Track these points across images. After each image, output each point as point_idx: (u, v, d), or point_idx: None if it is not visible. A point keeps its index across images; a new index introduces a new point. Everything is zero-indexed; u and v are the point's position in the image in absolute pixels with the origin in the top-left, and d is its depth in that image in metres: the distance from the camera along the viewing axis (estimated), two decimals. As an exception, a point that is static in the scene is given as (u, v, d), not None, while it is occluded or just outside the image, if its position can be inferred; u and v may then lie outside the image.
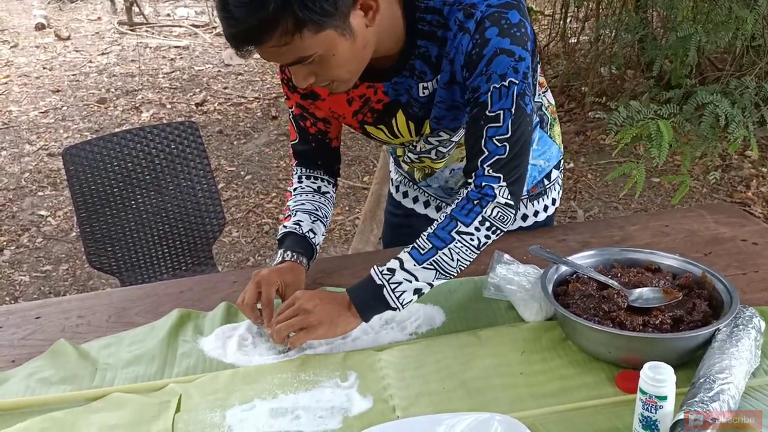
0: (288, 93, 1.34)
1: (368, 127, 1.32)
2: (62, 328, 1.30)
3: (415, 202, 1.59)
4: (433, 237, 1.15)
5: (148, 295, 1.40)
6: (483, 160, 1.14)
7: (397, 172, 1.62)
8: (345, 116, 1.32)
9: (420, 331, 1.23)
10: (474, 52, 1.11)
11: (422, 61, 1.17)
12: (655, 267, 1.24)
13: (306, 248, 1.32)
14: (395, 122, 1.29)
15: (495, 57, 1.10)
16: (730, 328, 1.06)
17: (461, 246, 1.14)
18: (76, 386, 1.13)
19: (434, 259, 1.13)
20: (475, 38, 1.10)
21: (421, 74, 1.19)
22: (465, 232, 1.14)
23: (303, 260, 1.31)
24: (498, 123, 1.13)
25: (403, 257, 1.15)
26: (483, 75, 1.12)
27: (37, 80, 6.25)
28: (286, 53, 1.03)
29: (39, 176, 4.26)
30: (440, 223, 1.16)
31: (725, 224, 1.55)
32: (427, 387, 1.09)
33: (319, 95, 1.30)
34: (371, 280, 1.15)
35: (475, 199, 1.15)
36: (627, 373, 1.07)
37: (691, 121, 2.97)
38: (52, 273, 3.28)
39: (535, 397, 1.05)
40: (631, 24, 4.14)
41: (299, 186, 1.40)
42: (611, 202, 3.68)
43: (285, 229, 1.34)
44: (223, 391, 1.10)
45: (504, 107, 1.12)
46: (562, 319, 1.14)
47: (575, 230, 1.57)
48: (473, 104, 1.15)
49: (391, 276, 1.14)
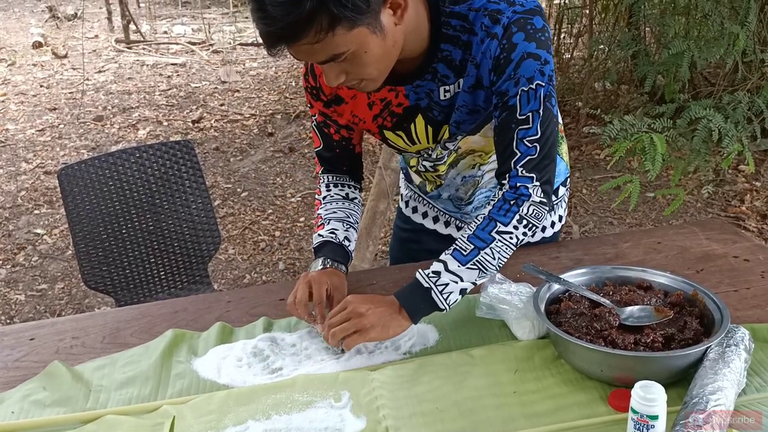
0: (311, 101, 1.37)
1: (387, 132, 1.34)
2: (56, 350, 1.30)
3: (424, 218, 1.61)
4: (474, 238, 1.20)
5: (143, 315, 1.40)
6: (516, 161, 1.20)
7: (407, 187, 1.64)
8: (365, 120, 1.34)
9: (413, 351, 1.23)
10: (502, 57, 1.15)
11: (445, 64, 1.20)
12: (647, 285, 1.25)
13: (343, 256, 1.37)
14: (414, 127, 1.31)
15: (522, 61, 1.15)
16: (721, 347, 1.07)
17: (501, 245, 1.20)
18: (69, 408, 1.13)
19: (477, 259, 1.19)
20: (503, 43, 1.15)
21: (443, 78, 1.22)
22: (504, 232, 1.19)
23: (342, 268, 1.35)
24: (528, 125, 1.18)
25: (446, 260, 1.20)
26: (511, 79, 1.16)
27: (34, 98, 6.27)
28: (319, 51, 1.04)
29: (35, 194, 4.27)
30: (479, 224, 1.21)
31: (717, 241, 1.55)
32: (420, 407, 1.09)
33: (342, 99, 1.32)
34: (418, 283, 1.20)
35: (511, 200, 1.21)
36: (620, 392, 1.07)
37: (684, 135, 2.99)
38: (47, 292, 3.28)
39: (528, 417, 1.06)
40: (624, 40, 4.18)
41: (328, 194, 1.44)
42: (606, 217, 3.69)
43: (321, 238, 1.38)
44: (217, 412, 1.10)
45: (533, 109, 1.18)
46: (555, 337, 1.14)
47: (568, 247, 1.58)
48: (501, 108, 1.20)
49: (438, 278, 1.19)
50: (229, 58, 7.49)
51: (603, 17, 4.86)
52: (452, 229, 1.58)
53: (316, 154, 1.46)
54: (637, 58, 4.23)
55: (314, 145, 1.45)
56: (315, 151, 1.46)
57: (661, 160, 2.58)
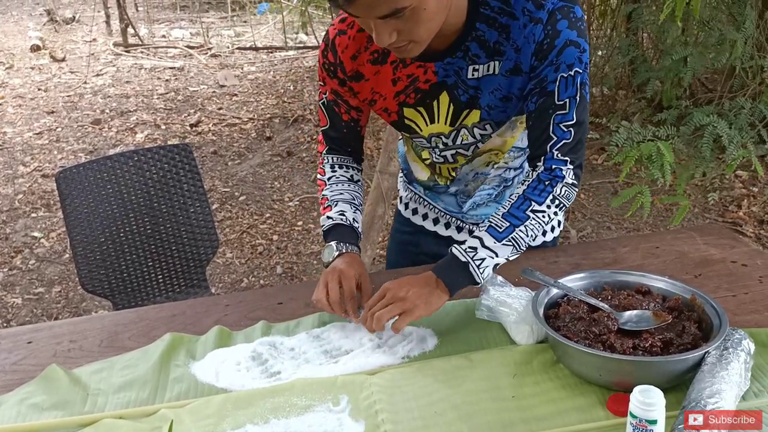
0: (326, 78, 1.36)
1: (407, 109, 1.33)
2: (54, 353, 1.29)
3: (424, 219, 1.61)
4: (509, 216, 1.23)
5: (141, 319, 1.40)
6: (552, 145, 1.24)
7: (407, 189, 1.65)
8: (387, 96, 1.33)
9: (412, 355, 1.23)
10: (546, 42, 1.18)
11: (478, 44, 1.21)
12: (645, 289, 1.25)
13: (354, 237, 1.38)
14: (437, 104, 1.31)
15: (565, 48, 1.18)
16: (719, 351, 1.07)
17: (535, 223, 1.23)
18: (67, 412, 1.12)
19: (512, 236, 1.22)
20: (547, 29, 1.17)
21: (474, 57, 1.23)
22: (538, 210, 1.23)
23: (356, 249, 1.36)
24: (565, 110, 1.22)
25: (481, 236, 1.22)
26: (552, 65, 1.19)
27: (32, 101, 6.26)
28: (384, 3, 1.02)
29: (33, 198, 4.26)
30: (513, 203, 1.24)
31: (715, 246, 1.56)
32: (419, 411, 1.09)
33: (363, 75, 1.31)
34: (456, 258, 1.22)
35: (546, 180, 1.24)
36: (618, 396, 1.07)
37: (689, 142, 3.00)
38: (44, 295, 3.27)
39: (527, 421, 1.06)
40: (622, 46, 4.19)
41: (333, 175, 1.44)
42: (604, 222, 3.70)
43: (331, 221, 1.38)
44: (215, 416, 1.09)
45: (570, 95, 1.21)
46: (554, 342, 1.14)
47: (567, 252, 1.58)
48: (539, 93, 1.22)
49: (474, 253, 1.21)
50: (228, 62, 7.50)
51: (601, 23, 4.88)
52: (452, 231, 1.58)
53: (323, 132, 1.46)
54: (635, 63, 4.24)
55: (321, 123, 1.46)
56: (321, 130, 1.46)
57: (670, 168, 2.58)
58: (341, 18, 1.30)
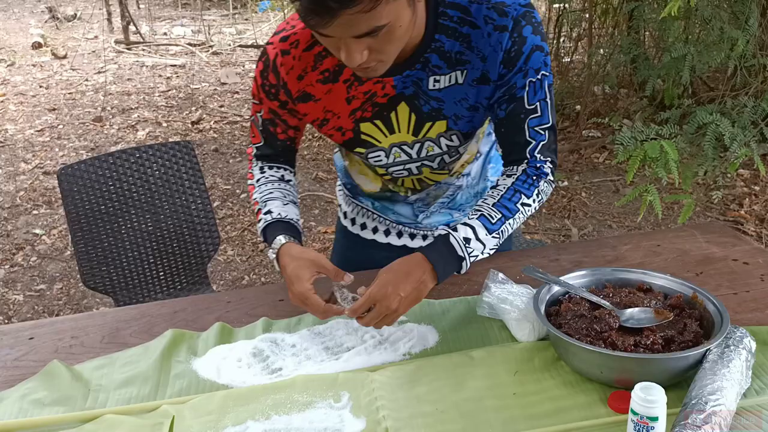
0: (263, 99, 1.31)
1: (363, 124, 1.29)
2: (55, 349, 1.30)
3: (375, 233, 1.57)
4: (501, 207, 1.22)
5: (142, 315, 1.40)
6: (532, 149, 1.25)
7: (351, 203, 1.60)
8: (340, 115, 1.29)
9: (413, 352, 1.23)
10: (513, 50, 1.17)
11: (438, 55, 1.19)
12: (647, 287, 1.25)
13: (295, 233, 1.30)
14: (395, 115, 1.27)
15: (532, 53, 1.18)
16: (721, 349, 1.07)
17: (521, 216, 1.24)
18: (69, 408, 1.12)
19: (502, 228, 1.22)
20: (514, 36, 1.16)
21: (434, 68, 1.21)
22: (526, 204, 1.24)
23: (286, 239, 1.27)
24: (537, 113, 1.23)
25: (474, 225, 1.20)
26: (521, 71, 1.19)
27: (34, 99, 6.27)
28: (363, 21, 0.98)
29: (34, 195, 4.26)
30: (503, 194, 1.23)
31: (717, 244, 1.56)
32: (420, 408, 1.09)
33: (311, 96, 1.27)
34: (452, 250, 1.18)
35: (533, 175, 1.26)
36: (619, 394, 1.07)
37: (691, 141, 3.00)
38: (46, 292, 3.27)
39: (528, 418, 1.06)
40: (623, 44, 4.19)
41: (262, 176, 1.39)
42: (605, 220, 3.70)
43: (265, 223, 1.31)
44: (217, 412, 1.09)
45: (540, 98, 1.22)
46: (555, 339, 1.14)
47: (568, 250, 1.58)
48: (509, 100, 1.22)
49: (470, 247, 1.19)
50: (229, 60, 7.50)
51: (603, 21, 4.88)
52: (406, 239, 1.55)
53: (255, 148, 1.40)
54: (636, 62, 4.24)
55: (253, 140, 1.40)
56: (253, 146, 1.40)
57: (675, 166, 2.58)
58: (282, 36, 1.23)
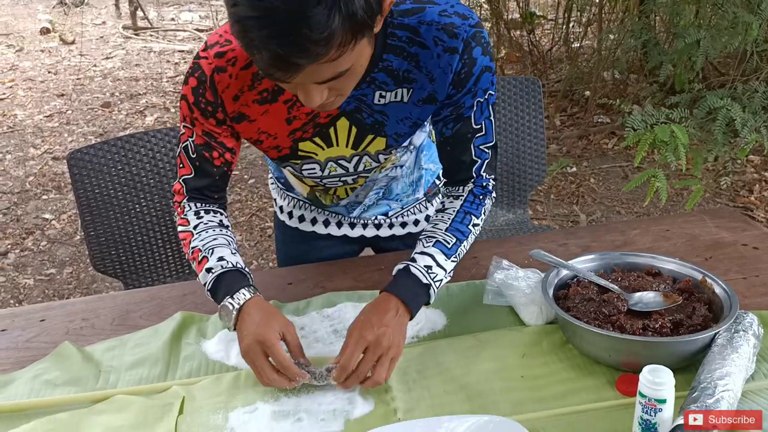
0: (200, 119, 1.19)
1: (303, 143, 1.24)
2: (66, 331, 1.31)
3: (314, 224, 1.55)
4: (455, 231, 1.22)
5: (152, 298, 1.41)
6: (477, 168, 1.26)
7: (286, 196, 1.55)
8: (278, 136, 1.23)
9: (421, 335, 1.24)
10: (464, 72, 1.15)
11: (385, 73, 1.16)
12: (656, 271, 1.25)
13: (245, 280, 1.17)
14: (334, 130, 1.23)
15: (481, 75, 1.17)
16: (730, 333, 1.07)
17: (473, 237, 1.25)
18: (80, 388, 1.14)
19: (458, 252, 1.21)
20: (464, 58, 1.14)
21: (381, 84, 1.17)
22: (476, 224, 1.25)
23: (252, 292, 1.15)
24: (482, 132, 1.23)
25: (432, 252, 1.18)
26: (470, 92, 1.18)
27: (42, 84, 6.28)
28: (328, 70, 0.94)
29: (43, 180, 4.28)
30: (454, 217, 1.23)
31: (726, 229, 1.55)
32: (429, 390, 1.10)
33: (246, 116, 1.19)
34: (416, 279, 1.15)
35: (480, 195, 1.27)
36: (627, 377, 1.07)
37: (702, 125, 2.98)
38: (56, 276, 3.30)
39: (536, 401, 1.06)
40: (634, 29, 4.15)
41: (200, 222, 1.25)
42: (614, 206, 3.68)
43: (212, 274, 1.16)
44: (226, 393, 1.10)
45: (485, 117, 1.22)
46: (563, 322, 1.15)
47: (576, 234, 1.58)
48: (456, 120, 1.21)
49: (434, 274, 1.17)
50: (237, 46, 7.48)
51: (613, 6, 4.83)
52: (346, 229, 1.54)
53: (183, 182, 1.27)
54: (647, 47, 4.20)
55: (181, 172, 1.26)
56: (181, 179, 1.27)
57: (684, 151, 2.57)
58: (218, 52, 1.13)
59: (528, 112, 2.19)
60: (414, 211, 1.54)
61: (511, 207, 2.27)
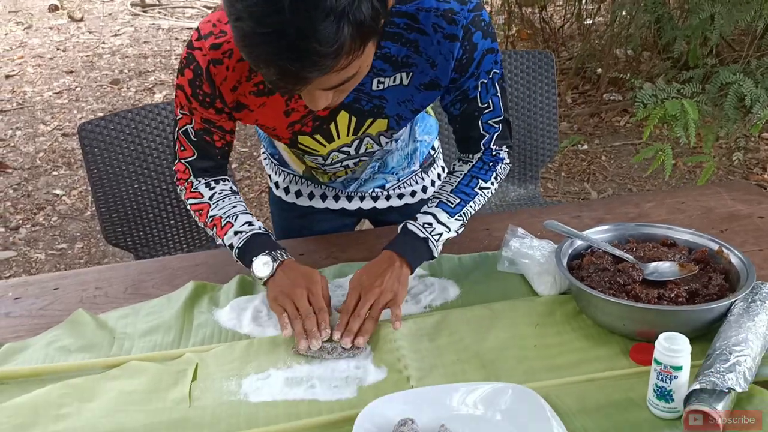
0: (198, 108, 1.19)
1: (302, 137, 1.25)
2: (80, 299, 1.31)
3: (311, 198, 1.54)
4: (459, 193, 1.28)
5: (164, 267, 1.41)
6: (486, 141, 1.30)
7: (281, 172, 1.55)
8: (276, 128, 1.23)
9: (434, 304, 1.24)
10: (465, 58, 1.17)
11: (383, 60, 1.15)
12: (671, 242, 1.24)
13: (278, 244, 1.23)
14: (335, 125, 1.23)
15: (483, 58, 1.18)
16: (746, 303, 1.06)
17: (481, 198, 1.30)
18: (94, 354, 1.14)
19: (463, 211, 1.27)
20: (465, 45, 1.15)
21: (379, 71, 1.16)
22: (484, 187, 1.30)
23: (288, 255, 1.21)
24: (490, 108, 1.26)
25: (434, 212, 1.25)
26: (473, 76, 1.20)
27: (51, 61, 6.27)
28: (335, 77, 0.93)
29: (53, 156, 4.29)
30: (461, 180, 1.29)
31: (742, 201, 1.53)
32: (441, 358, 1.09)
33: (245, 106, 1.19)
34: (414, 234, 1.22)
35: (490, 162, 1.31)
36: (641, 346, 1.07)
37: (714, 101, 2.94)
38: (67, 251, 3.31)
39: (549, 369, 1.06)
40: (647, 4, 4.09)
41: (214, 192, 1.28)
42: (625, 183, 3.66)
43: (244, 234, 1.21)
44: (239, 360, 1.11)
45: (492, 95, 1.25)
46: (577, 292, 1.14)
47: (590, 207, 1.57)
48: (462, 101, 1.24)
49: (432, 229, 1.23)
50: (245, 23, 7.43)
51: (626, -19, 4.75)
52: (344, 202, 1.54)
53: (187, 164, 1.28)
54: (661, 22, 4.14)
55: (182, 155, 1.27)
56: (185, 161, 1.28)
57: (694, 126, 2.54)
58: (213, 44, 1.11)
59: (540, 86, 2.17)
60: (410, 182, 1.55)
61: (522, 182, 2.26)
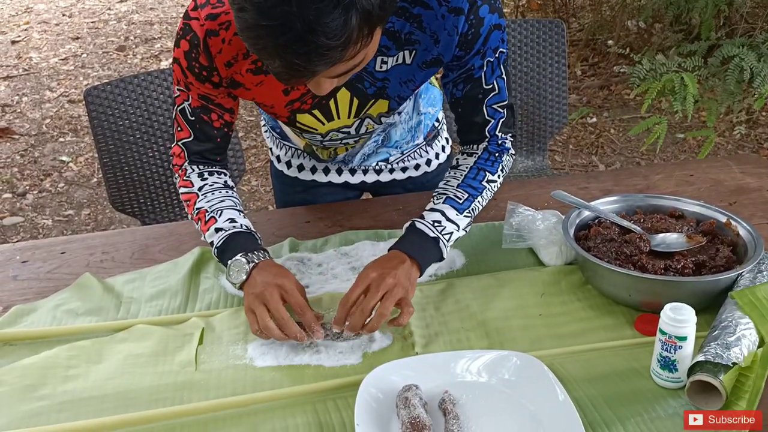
0: (195, 84, 1.15)
1: (300, 115, 1.21)
2: (87, 263, 1.32)
3: (314, 173, 1.51)
4: (467, 187, 1.20)
5: (171, 233, 1.42)
6: (490, 128, 1.23)
7: (283, 146, 1.51)
8: (274, 106, 1.20)
9: (440, 273, 1.24)
10: (471, 33, 1.11)
11: (387, 36, 1.11)
12: (679, 213, 1.23)
13: (258, 245, 1.15)
14: (335, 102, 1.20)
15: (490, 34, 1.13)
16: (753, 274, 1.06)
17: (489, 192, 1.23)
18: (101, 318, 1.15)
19: (472, 207, 1.19)
20: (470, 19, 1.09)
21: (382, 48, 1.12)
22: (492, 180, 1.23)
23: (268, 257, 1.13)
24: (495, 91, 1.20)
25: (442, 209, 1.16)
26: (479, 53, 1.15)
27: (57, 27, 6.22)
28: (343, 66, 0.91)
29: (60, 122, 4.28)
30: (467, 174, 1.21)
31: (752, 174, 1.52)
32: (447, 326, 1.10)
33: (240, 84, 1.15)
34: (424, 234, 1.13)
35: (495, 152, 1.24)
36: (646, 317, 1.07)
37: (717, 75, 2.90)
38: (74, 217, 3.32)
39: (554, 338, 1.06)
40: (660, -26, 4.02)
41: (205, 184, 1.23)
42: (633, 157, 3.64)
43: (223, 232, 1.14)
44: (245, 325, 1.11)
45: (497, 76, 1.19)
46: (583, 262, 1.14)
47: (597, 179, 1.56)
48: (466, 80, 1.18)
49: (442, 228, 1.14)
50: (252, -10, 7.35)
51: (640, -49, 4.67)
52: (347, 176, 1.51)
53: (183, 145, 1.23)
54: (673, -7, 4.07)
55: (179, 135, 1.23)
56: (181, 143, 1.23)
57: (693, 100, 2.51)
58: (210, 14, 1.08)
59: (550, 56, 2.14)
60: (414, 156, 1.51)
61: (530, 153, 2.25)
